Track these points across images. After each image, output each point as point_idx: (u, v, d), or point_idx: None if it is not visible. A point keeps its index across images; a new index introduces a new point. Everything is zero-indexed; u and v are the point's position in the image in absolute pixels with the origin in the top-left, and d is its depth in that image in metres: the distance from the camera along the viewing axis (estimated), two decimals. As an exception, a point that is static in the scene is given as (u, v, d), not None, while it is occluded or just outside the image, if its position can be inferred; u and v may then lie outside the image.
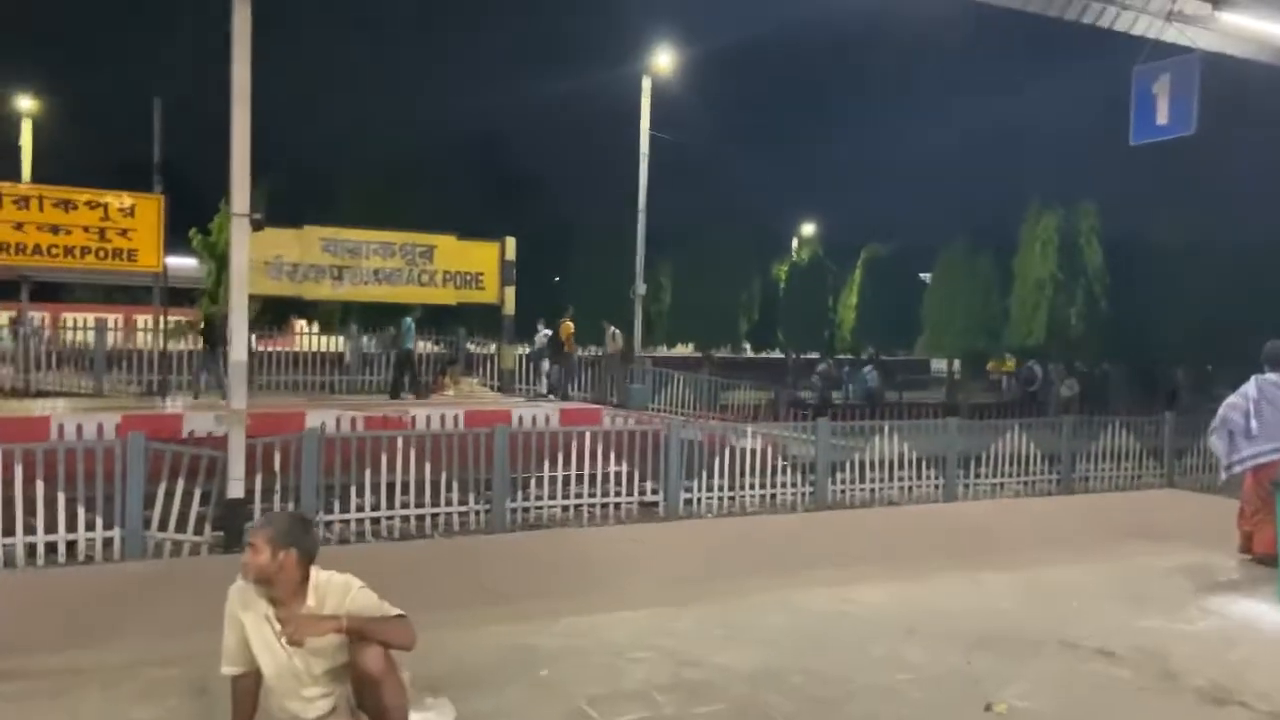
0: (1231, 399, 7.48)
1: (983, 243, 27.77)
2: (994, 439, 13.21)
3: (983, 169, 35.31)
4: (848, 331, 32.00)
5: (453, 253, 18.68)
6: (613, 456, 11.19)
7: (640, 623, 5.25)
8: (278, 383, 18.56)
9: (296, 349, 20.22)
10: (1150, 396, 26.13)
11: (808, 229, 38.63)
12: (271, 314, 23.28)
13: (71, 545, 8.30)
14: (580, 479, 10.85)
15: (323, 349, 20.30)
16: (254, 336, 23.26)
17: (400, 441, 10.14)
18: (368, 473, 9.73)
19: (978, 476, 12.94)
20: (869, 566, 7.00)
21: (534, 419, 14.59)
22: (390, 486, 9.84)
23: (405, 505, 9.94)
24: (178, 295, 25.40)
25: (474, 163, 25.18)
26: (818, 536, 8.76)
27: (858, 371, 31.60)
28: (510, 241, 19.11)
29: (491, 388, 19.36)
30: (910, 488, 12.51)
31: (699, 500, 11.18)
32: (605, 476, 10.99)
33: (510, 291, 19.14)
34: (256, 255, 17.22)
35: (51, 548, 8.22)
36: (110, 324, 22.29)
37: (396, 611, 3.23)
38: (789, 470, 11.85)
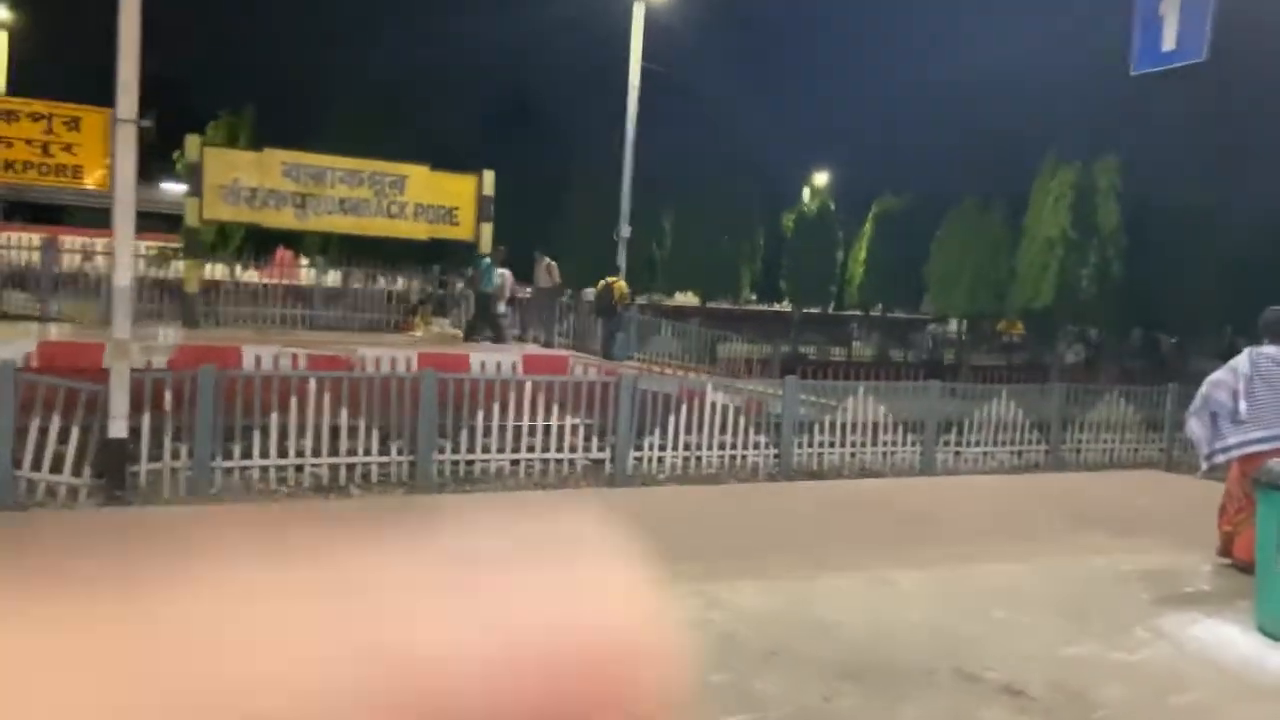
0: (1217, 375, 6.33)
1: (996, 197, 26.04)
2: (979, 405, 12.11)
3: (1008, 116, 33.24)
4: (856, 288, 30.50)
5: (426, 184, 17.64)
6: (557, 409, 10.33)
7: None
8: (240, 316, 17.70)
9: (292, 282, 19.32)
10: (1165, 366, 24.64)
11: (820, 177, 36.89)
12: (254, 242, 22.42)
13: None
14: (520, 432, 9.93)
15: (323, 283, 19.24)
16: (239, 266, 22.53)
17: (313, 384, 9.35)
18: (274, 416, 8.95)
19: (962, 445, 11.90)
20: (772, 556, 5.98)
21: (494, 365, 13.63)
22: (304, 432, 9.03)
23: (318, 454, 9.14)
24: (172, 221, 24.66)
25: (461, 94, 23.99)
26: (748, 512, 7.80)
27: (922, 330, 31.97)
28: (489, 175, 18.02)
29: (463, 329, 18.44)
30: (886, 455, 11.52)
31: (653, 460, 10.27)
32: (548, 430, 10.12)
33: (487, 228, 18.09)
34: (212, 178, 16.41)
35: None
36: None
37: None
38: (755, 430, 10.88)
